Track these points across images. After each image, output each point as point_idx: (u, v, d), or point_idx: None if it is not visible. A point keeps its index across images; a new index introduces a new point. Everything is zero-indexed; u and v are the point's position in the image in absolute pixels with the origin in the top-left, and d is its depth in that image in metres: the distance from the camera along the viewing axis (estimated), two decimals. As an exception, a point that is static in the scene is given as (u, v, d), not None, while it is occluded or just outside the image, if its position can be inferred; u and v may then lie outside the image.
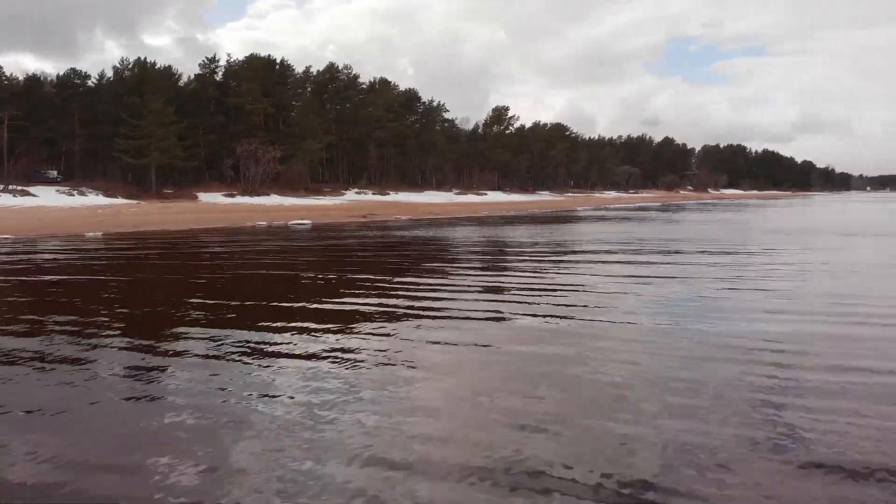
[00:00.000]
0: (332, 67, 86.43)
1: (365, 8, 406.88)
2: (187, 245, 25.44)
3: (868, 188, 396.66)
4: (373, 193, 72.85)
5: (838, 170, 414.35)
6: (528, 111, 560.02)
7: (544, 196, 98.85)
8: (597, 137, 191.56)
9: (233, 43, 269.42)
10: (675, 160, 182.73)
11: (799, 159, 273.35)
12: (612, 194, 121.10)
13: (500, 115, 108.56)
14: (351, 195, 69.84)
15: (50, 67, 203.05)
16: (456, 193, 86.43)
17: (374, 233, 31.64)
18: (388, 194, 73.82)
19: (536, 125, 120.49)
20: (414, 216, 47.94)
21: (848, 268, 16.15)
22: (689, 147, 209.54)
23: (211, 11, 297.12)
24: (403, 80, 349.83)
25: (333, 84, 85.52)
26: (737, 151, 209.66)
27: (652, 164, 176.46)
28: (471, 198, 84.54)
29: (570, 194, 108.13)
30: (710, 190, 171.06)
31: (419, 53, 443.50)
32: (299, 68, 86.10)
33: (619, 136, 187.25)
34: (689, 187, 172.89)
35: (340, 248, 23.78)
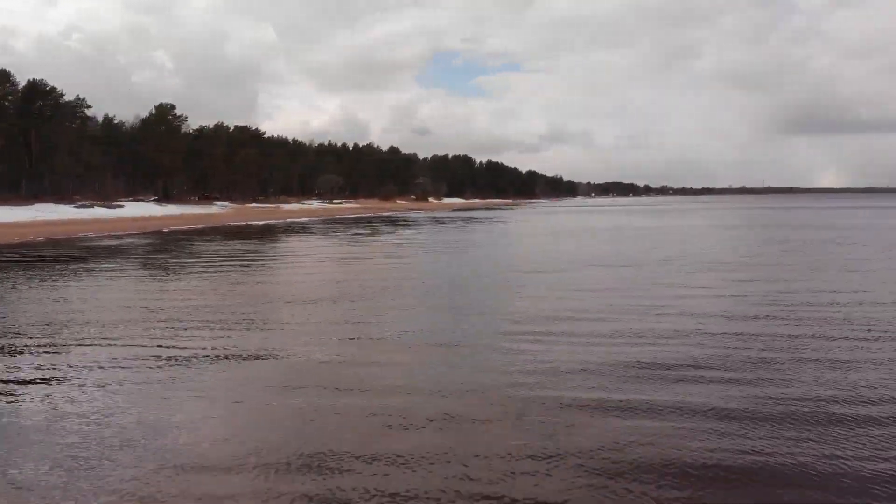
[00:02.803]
0: None
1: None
2: None
3: (592, 194, 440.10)
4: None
5: (574, 178, 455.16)
6: (300, 114, 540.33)
7: (212, 209, 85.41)
8: (327, 143, 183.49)
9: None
10: (400, 169, 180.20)
11: (549, 168, 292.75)
12: (315, 204, 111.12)
13: (163, 114, 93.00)
14: None
15: None
16: (77, 207, 69.65)
17: None
18: (-56, 210, 55.51)
19: (219, 127, 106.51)
20: None
21: None
22: (421, 157, 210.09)
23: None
24: (163, 76, 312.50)
25: None
26: (463, 162, 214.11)
27: (377, 173, 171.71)
28: (98, 212, 68.46)
29: (255, 205, 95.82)
30: (430, 199, 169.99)
31: (180, 47, 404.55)
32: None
33: (343, 144, 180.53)
34: (413, 196, 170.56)
35: None
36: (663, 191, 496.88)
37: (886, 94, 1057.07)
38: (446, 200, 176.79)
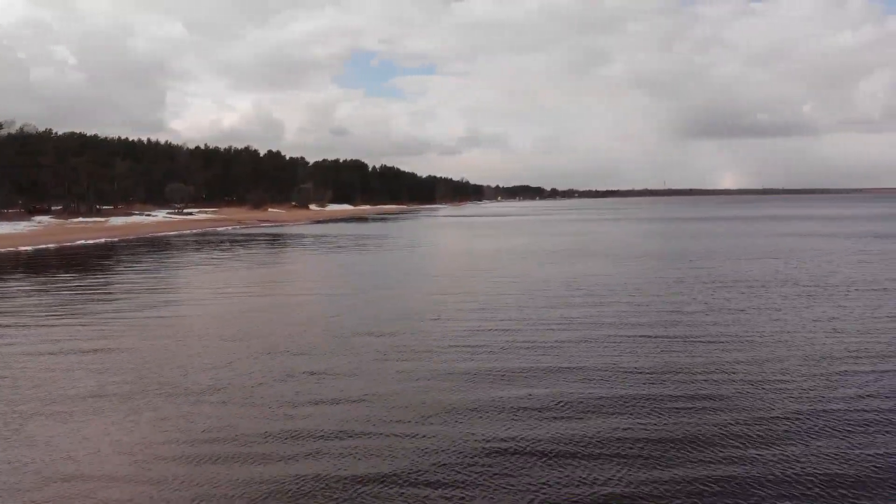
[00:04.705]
0: None
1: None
2: None
3: (499, 198, 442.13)
4: None
5: (491, 181, 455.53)
6: (210, 113, 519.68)
7: (20, 226, 76.32)
8: (204, 147, 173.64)
9: None
10: (280, 174, 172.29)
11: (467, 171, 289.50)
12: (160, 216, 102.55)
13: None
14: None
15: None
16: None
17: None
18: None
19: (46, 133, 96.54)
20: None
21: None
22: (307, 161, 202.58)
23: None
24: (64, 71, 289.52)
25: None
26: (354, 167, 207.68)
27: (252, 178, 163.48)
28: None
29: (79, 220, 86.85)
30: (313, 206, 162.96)
31: (83, 42, 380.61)
32: None
33: (216, 147, 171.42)
34: (293, 203, 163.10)
35: None
36: (569, 194, 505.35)
37: (782, 101, 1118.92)
38: (332, 208, 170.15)
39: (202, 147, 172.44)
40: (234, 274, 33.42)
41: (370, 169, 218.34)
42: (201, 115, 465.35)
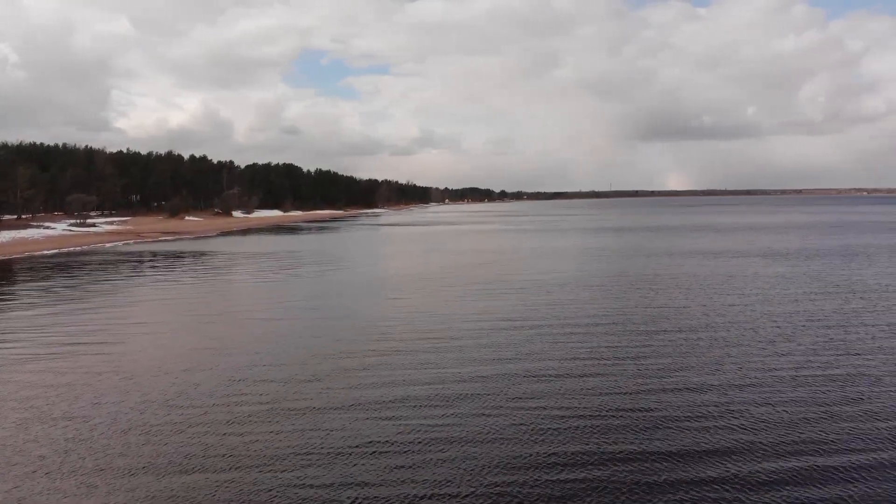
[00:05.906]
0: None
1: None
2: None
3: (447, 200, 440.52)
4: None
5: (442, 183, 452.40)
6: (157, 111, 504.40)
7: None
8: (126, 151, 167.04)
9: None
10: (202, 180, 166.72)
11: (415, 171, 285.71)
12: (56, 229, 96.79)
13: None
14: None
15: None
16: None
17: None
18: None
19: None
20: None
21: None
22: (237, 165, 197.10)
23: None
24: (6, 69, 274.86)
25: None
26: (286, 171, 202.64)
27: (172, 183, 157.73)
28: None
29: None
30: (237, 213, 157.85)
31: (25, 39, 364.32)
32: None
33: (138, 152, 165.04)
34: (217, 210, 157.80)
35: None
36: (518, 196, 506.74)
37: (727, 104, 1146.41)
38: (259, 214, 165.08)
39: (124, 151, 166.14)
40: None
41: (304, 172, 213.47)
42: (148, 115, 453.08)
